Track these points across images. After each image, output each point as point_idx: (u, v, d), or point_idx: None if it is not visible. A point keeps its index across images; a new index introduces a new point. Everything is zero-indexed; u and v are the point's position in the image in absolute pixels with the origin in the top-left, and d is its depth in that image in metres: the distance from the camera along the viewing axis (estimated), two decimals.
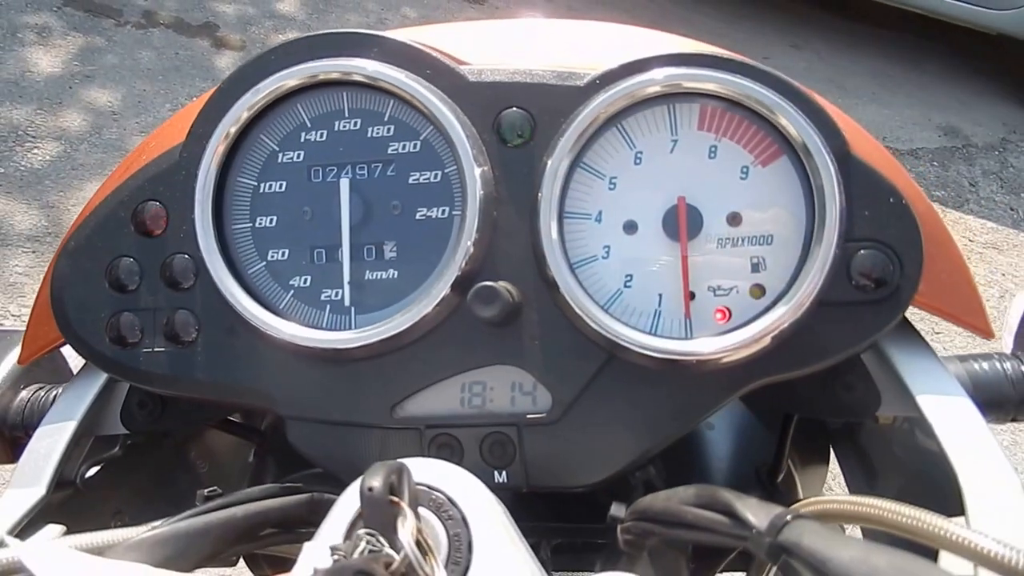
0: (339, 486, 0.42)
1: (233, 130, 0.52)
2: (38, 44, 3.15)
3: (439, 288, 0.50)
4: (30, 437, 0.57)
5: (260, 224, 0.52)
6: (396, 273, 0.52)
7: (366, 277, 0.51)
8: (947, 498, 0.44)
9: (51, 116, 2.86)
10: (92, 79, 3.07)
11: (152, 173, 0.53)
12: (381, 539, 0.33)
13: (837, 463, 0.69)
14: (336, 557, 0.32)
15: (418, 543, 0.34)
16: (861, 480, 0.63)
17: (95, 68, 3.12)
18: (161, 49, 3.31)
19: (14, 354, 0.61)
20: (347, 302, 0.51)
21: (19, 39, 3.14)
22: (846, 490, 0.63)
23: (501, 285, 0.49)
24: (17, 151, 2.70)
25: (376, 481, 0.34)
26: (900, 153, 3.74)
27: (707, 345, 0.49)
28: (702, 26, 4.38)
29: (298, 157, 0.53)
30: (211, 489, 0.53)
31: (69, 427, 0.54)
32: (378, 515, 0.34)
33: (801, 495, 0.70)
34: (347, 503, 0.38)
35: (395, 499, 0.35)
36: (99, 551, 0.40)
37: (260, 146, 0.53)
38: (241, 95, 0.52)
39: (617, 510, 0.48)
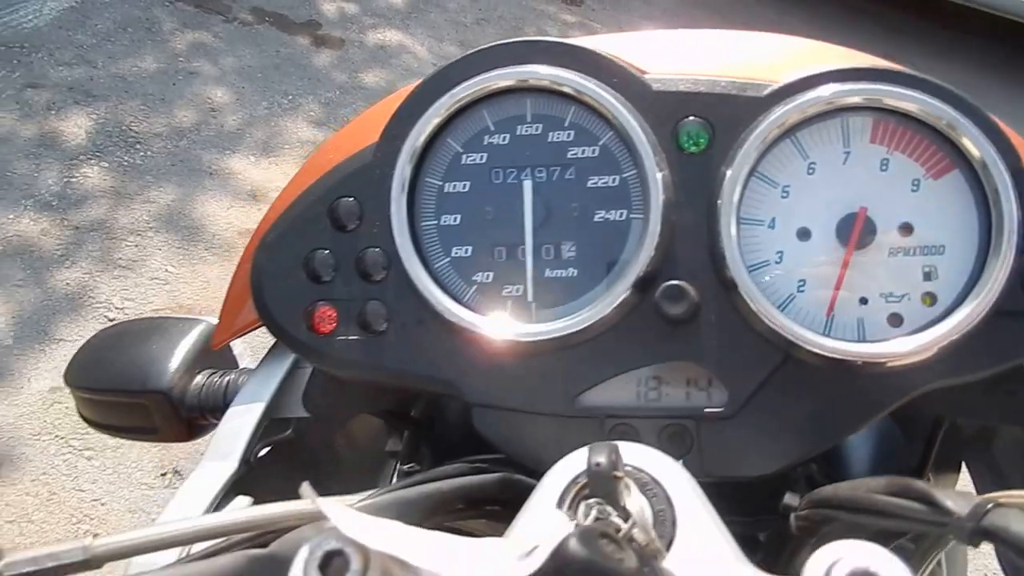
0: (517, 470, 0.48)
1: (426, 133, 0.55)
2: (147, 39, 3.22)
3: (620, 287, 0.52)
4: (205, 418, 0.66)
5: (445, 222, 0.55)
6: (575, 272, 0.54)
7: (545, 275, 0.54)
8: None
9: (154, 112, 2.92)
10: (196, 75, 3.13)
11: (347, 171, 0.56)
12: (609, 508, 0.36)
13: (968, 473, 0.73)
14: (575, 522, 0.35)
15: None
16: (992, 489, 0.64)
17: (199, 64, 3.18)
18: (263, 46, 3.35)
19: (187, 342, 0.68)
20: (529, 298, 0.54)
21: (129, 33, 3.22)
22: None
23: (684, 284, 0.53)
24: (122, 146, 2.76)
25: (602, 457, 0.37)
26: None
27: (881, 348, 0.51)
28: (793, 32, 4.18)
29: (481, 159, 0.56)
30: (410, 465, 0.60)
31: (258, 408, 0.59)
32: (603, 488, 0.37)
33: None
34: (556, 480, 0.41)
35: (619, 474, 0.38)
36: None
37: (446, 148, 0.56)
38: (435, 100, 0.55)
39: (791, 499, 0.52)
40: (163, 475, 1.97)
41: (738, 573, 0.38)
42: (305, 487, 0.32)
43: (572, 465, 0.41)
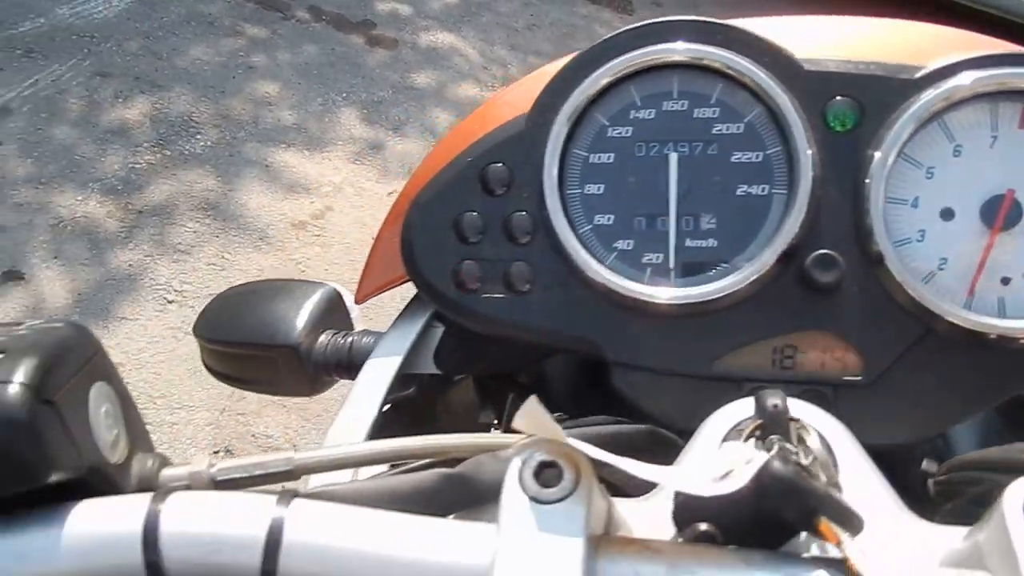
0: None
1: (578, 107, 0.57)
2: (208, 33, 3.34)
3: (764, 258, 0.55)
4: (329, 375, 0.69)
5: (588, 191, 0.58)
6: (715, 242, 0.57)
7: (686, 244, 0.57)
8: None
9: (213, 104, 3.03)
10: (254, 70, 3.23)
11: (498, 140, 0.59)
12: (788, 445, 0.37)
13: None
14: (762, 453, 0.35)
15: None
16: None
17: (258, 59, 3.28)
18: (319, 44, 3.44)
19: (311, 302, 0.72)
20: (671, 265, 0.57)
21: (192, 27, 3.34)
22: None
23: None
24: (183, 136, 2.87)
25: (777, 400, 0.39)
26: None
27: (1022, 324, 0.53)
28: None
29: (626, 133, 0.58)
30: (558, 414, 0.60)
31: (395, 362, 0.62)
32: (781, 427, 0.38)
33: None
34: (718, 426, 0.43)
35: (794, 416, 0.39)
36: None
37: (593, 122, 0.59)
38: (587, 76, 0.58)
39: (929, 465, 0.55)
40: (215, 452, 2.06)
41: (902, 518, 0.40)
42: (532, 401, 0.33)
43: (733, 413, 0.43)
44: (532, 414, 0.33)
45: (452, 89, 3.47)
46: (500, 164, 0.58)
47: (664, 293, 0.55)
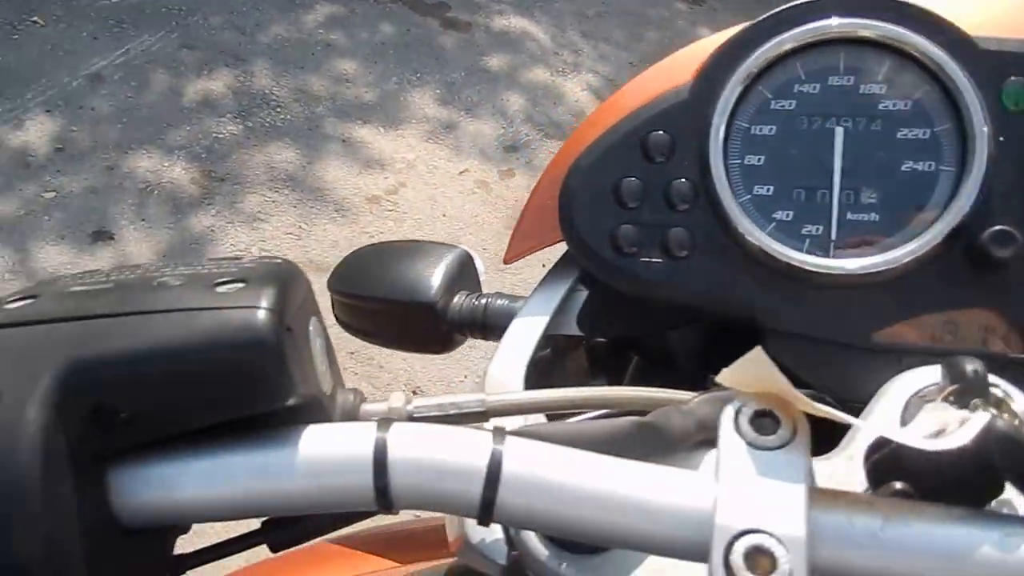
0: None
1: (743, 81, 0.58)
2: (290, 10, 3.42)
3: (933, 233, 0.55)
4: (463, 334, 0.71)
5: (748, 162, 0.58)
6: (877, 216, 0.57)
7: (847, 217, 0.57)
8: None
9: (293, 79, 3.11)
10: (332, 47, 3.30)
11: (660, 108, 0.60)
12: (992, 408, 0.37)
13: None
14: (980, 413, 0.34)
15: None
16: None
17: (336, 37, 3.35)
18: (395, 24, 3.50)
19: (447, 263, 0.73)
20: (832, 236, 0.57)
21: (274, 2, 3.42)
22: None
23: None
24: (264, 108, 2.95)
25: (976, 365, 0.38)
26: None
27: None
28: None
29: (790, 106, 0.58)
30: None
31: (542, 321, 0.62)
32: (981, 393, 0.37)
33: None
34: (898, 393, 0.42)
35: (993, 382, 0.38)
36: None
37: (756, 94, 0.59)
38: (753, 50, 0.58)
39: None
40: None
41: None
42: (758, 352, 0.32)
43: (913, 381, 0.43)
44: (757, 363, 0.32)
45: (523, 73, 3.50)
46: (662, 132, 0.59)
47: (825, 263, 0.56)
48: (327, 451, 0.33)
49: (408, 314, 0.71)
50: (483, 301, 0.71)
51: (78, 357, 0.30)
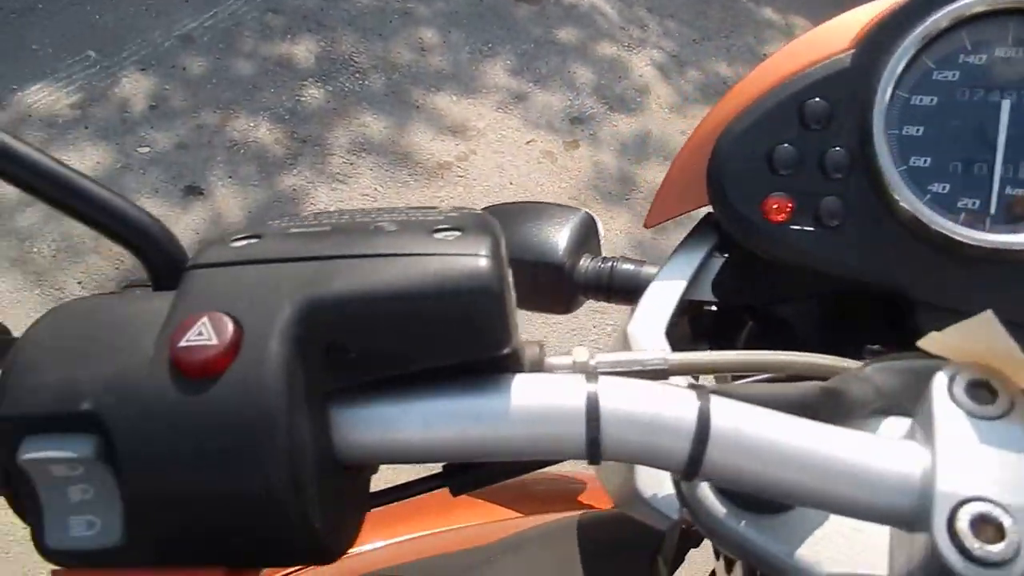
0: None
1: (909, 52, 0.57)
2: None
3: None
4: (587, 295, 0.71)
5: (906, 132, 0.58)
6: None
7: (1007, 191, 0.56)
8: None
9: (373, 45, 3.22)
10: (409, 16, 3.40)
11: (820, 75, 0.59)
12: None
13: None
14: None
15: None
16: None
17: (413, 6, 3.45)
18: None
19: (571, 226, 0.73)
20: (992, 211, 0.56)
21: None
22: None
23: None
24: (344, 73, 3.08)
25: None
26: None
27: None
28: None
29: (953, 77, 0.57)
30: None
31: (680, 286, 0.62)
32: None
33: None
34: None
35: None
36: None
37: (919, 64, 0.58)
38: (923, 19, 0.57)
39: None
40: None
41: None
42: (988, 316, 0.32)
43: None
44: (988, 332, 0.32)
45: (592, 46, 3.56)
46: (819, 99, 0.58)
47: (983, 237, 0.55)
48: (540, 401, 0.33)
49: (537, 274, 0.72)
50: (609, 264, 0.72)
51: (316, 295, 0.31)
